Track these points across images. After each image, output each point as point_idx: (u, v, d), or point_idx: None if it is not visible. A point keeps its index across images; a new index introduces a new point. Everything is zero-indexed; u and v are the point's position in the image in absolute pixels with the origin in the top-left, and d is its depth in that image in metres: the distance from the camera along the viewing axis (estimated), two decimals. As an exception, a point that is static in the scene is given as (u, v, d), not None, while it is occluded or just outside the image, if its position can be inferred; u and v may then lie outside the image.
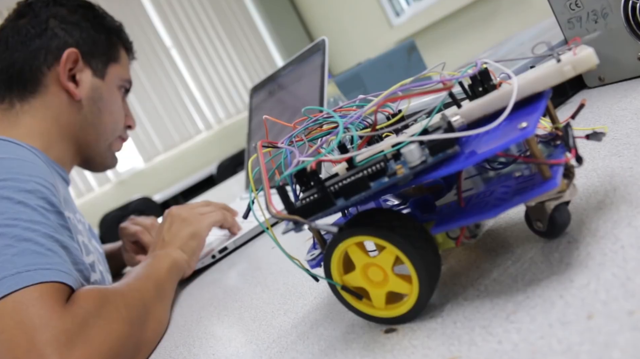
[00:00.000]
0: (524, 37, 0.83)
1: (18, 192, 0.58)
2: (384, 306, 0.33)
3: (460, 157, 0.29)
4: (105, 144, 0.88)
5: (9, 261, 0.51)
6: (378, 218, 0.32)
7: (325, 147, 0.34)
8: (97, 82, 0.85)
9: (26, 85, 0.80)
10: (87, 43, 0.84)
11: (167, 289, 0.64)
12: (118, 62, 0.89)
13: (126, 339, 0.51)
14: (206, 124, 3.99)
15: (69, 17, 0.84)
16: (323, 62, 0.85)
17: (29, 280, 0.50)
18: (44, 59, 0.81)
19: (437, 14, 2.95)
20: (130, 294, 0.57)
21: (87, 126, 0.84)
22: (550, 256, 0.31)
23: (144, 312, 0.56)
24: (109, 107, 0.87)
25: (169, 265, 0.67)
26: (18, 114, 0.79)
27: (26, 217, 0.55)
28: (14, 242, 0.53)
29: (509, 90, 0.31)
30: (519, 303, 0.28)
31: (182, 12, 4.01)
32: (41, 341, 0.46)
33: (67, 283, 0.52)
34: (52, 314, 0.48)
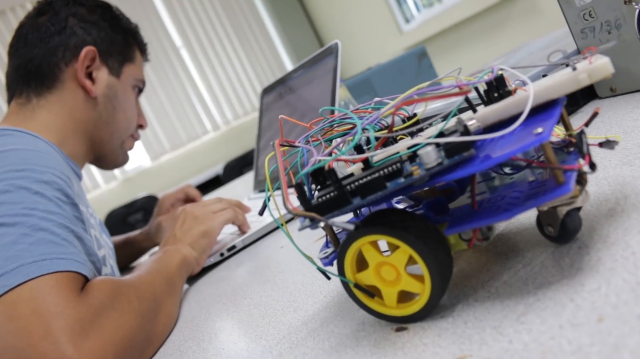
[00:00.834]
0: (536, 46, 0.83)
1: (35, 183, 0.59)
2: (396, 304, 0.34)
3: (475, 161, 0.30)
4: (117, 141, 0.90)
5: (25, 250, 0.52)
6: (393, 218, 0.33)
7: (343, 147, 0.35)
8: (112, 80, 0.87)
9: (43, 80, 0.82)
10: (105, 42, 0.86)
11: (177, 284, 0.65)
12: (133, 62, 0.92)
13: (137, 332, 0.52)
14: (214, 125, 4.01)
15: (88, 17, 0.86)
16: (335, 65, 0.85)
17: (45, 269, 0.51)
18: (62, 56, 0.82)
19: (447, 21, 2.96)
20: (142, 288, 0.58)
21: (101, 123, 0.86)
22: (561, 260, 0.32)
23: (155, 305, 0.57)
24: (123, 105, 0.89)
25: (179, 261, 0.68)
26: (34, 108, 0.81)
27: (42, 208, 0.57)
28: (30, 231, 0.54)
29: (525, 96, 0.32)
30: (529, 304, 0.29)
31: (193, 13, 4.03)
32: (56, 329, 0.47)
33: (82, 272, 0.53)
34: (68, 303, 0.49)
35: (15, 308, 0.48)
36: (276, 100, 1.12)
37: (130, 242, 1.06)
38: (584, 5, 0.54)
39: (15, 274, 0.50)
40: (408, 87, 1.24)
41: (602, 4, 0.53)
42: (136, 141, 0.96)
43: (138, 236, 1.06)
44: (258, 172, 1.15)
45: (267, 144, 1.13)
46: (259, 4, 4.27)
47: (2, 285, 0.49)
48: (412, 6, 3.47)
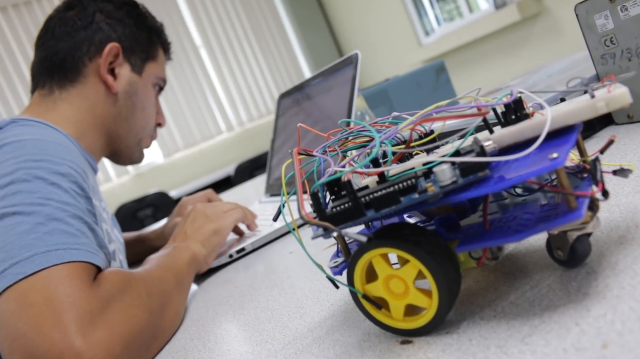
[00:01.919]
0: (554, 68, 0.84)
1: (52, 174, 0.60)
2: (402, 317, 0.34)
3: (490, 181, 0.31)
4: (135, 139, 0.91)
5: (40, 239, 0.53)
6: (404, 232, 0.33)
7: (359, 159, 0.36)
8: (134, 77, 0.88)
9: (67, 73, 0.84)
10: (129, 39, 0.87)
11: (185, 281, 0.66)
12: (156, 60, 0.93)
13: (145, 326, 0.53)
14: (228, 125, 4.03)
15: (115, 13, 0.88)
16: (354, 75, 0.86)
17: (58, 258, 0.52)
18: (86, 50, 0.84)
19: (467, 37, 2.97)
20: (152, 283, 0.59)
21: (120, 119, 0.87)
22: (569, 284, 0.32)
23: (164, 301, 0.58)
24: (143, 103, 0.90)
25: (188, 258, 0.69)
26: (56, 100, 0.83)
27: (58, 198, 0.58)
28: (45, 220, 0.55)
29: (542, 120, 0.33)
30: (535, 326, 0.29)
31: (215, 14, 4.06)
32: (67, 319, 0.48)
33: (94, 262, 0.54)
34: (79, 294, 0.50)
35: (28, 296, 0.49)
36: (293, 105, 1.13)
37: (142, 239, 1.07)
38: (606, 31, 0.54)
39: (29, 263, 0.51)
40: (425, 100, 1.24)
41: (624, 31, 0.53)
42: (154, 139, 0.97)
43: (151, 234, 1.07)
44: (270, 176, 1.16)
45: (280, 149, 1.14)
46: (281, 10, 4.30)
47: (16, 273, 0.50)
48: (432, 19, 3.47)
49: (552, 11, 2.55)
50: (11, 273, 0.51)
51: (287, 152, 1.10)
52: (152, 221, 3.06)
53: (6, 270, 0.51)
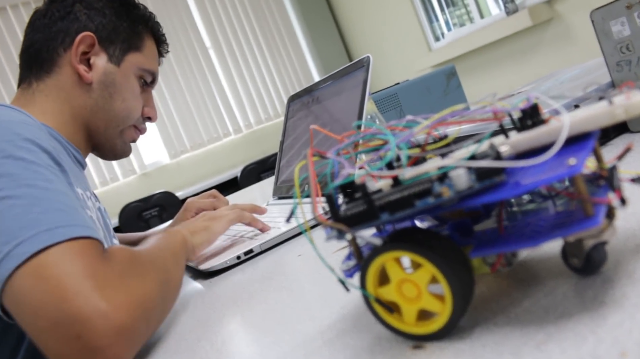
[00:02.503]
0: (567, 75, 0.83)
1: (29, 153, 0.59)
2: (415, 322, 0.34)
3: (506, 186, 0.30)
4: (115, 130, 0.90)
5: (37, 219, 0.53)
6: (418, 236, 0.33)
7: (374, 162, 0.35)
8: (111, 67, 0.87)
9: (42, 65, 0.84)
10: (107, 29, 0.87)
11: (181, 261, 0.68)
12: (140, 51, 0.91)
13: (157, 295, 0.55)
14: (235, 128, 4.03)
15: (94, 4, 0.87)
16: (366, 78, 0.86)
17: (62, 236, 0.52)
18: (61, 41, 0.84)
19: (477, 42, 2.96)
20: (155, 259, 0.61)
21: (97, 110, 0.86)
22: (584, 292, 0.32)
23: (167, 276, 0.60)
24: (122, 93, 0.88)
25: (180, 240, 0.72)
26: (34, 92, 0.84)
27: (42, 177, 0.58)
28: (36, 201, 0.55)
29: (559, 126, 0.32)
30: (550, 334, 0.29)
31: (225, 16, 4.07)
32: (86, 286, 0.49)
33: (95, 237, 0.55)
34: (94, 266, 0.51)
35: (44, 270, 0.50)
36: (303, 108, 1.13)
37: None
38: (622, 38, 0.54)
39: (34, 241, 0.51)
40: (435, 105, 1.24)
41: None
42: (142, 133, 0.95)
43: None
44: (278, 179, 1.16)
45: (289, 151, 1.14)
46: (291, 13, 4.31)
47: (23, 252, 0.51)
48: (443, 24, 3.47)
49: (565, 17, 2.54)
50: (18, 253, 0.51)
51: (296, 155, 1.10)
52: (158, 221, 3.06)
53: (11, 251, 0.51)
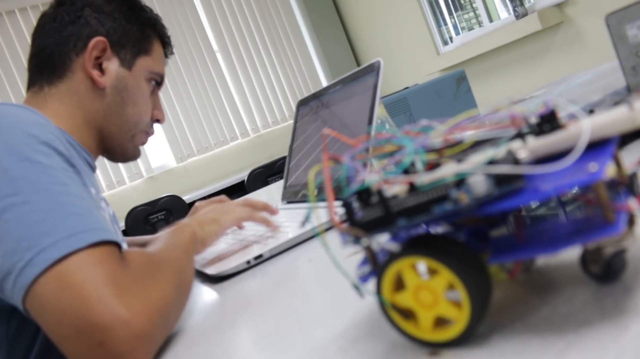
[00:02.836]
0: (580, 79, 0.83)
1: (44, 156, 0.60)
2: (431, 328, 0.33)
3: (525, 192, 0.30)
4: (127, 135, 0.90)
5: (57, 225, 0.54)
6: (435, 242, 0.33)
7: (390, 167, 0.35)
8: (123, 72, 0.87)
9: (55, 69, 0.84)
10: (118, 33, 0.87)
11: (192, 256, 0.70)
12: (149, 54, 0.91)
13: (173, 299, 0.57)
14: (242, 131, 4.03)
15: (104, 7, 0.87)
16: (376, 83, 0.86)
17: (83, 241, 0.53)
18: (73, 45, 0.84)
19: (486, 46, 2.96)
20: (169, 261, 0.62)
21: (110, 114, 0.87)
22: (604, 300, 0.31)
23: (181, 277, 0.61)
24: (134, 98, 0.89)
25: (189, 234, 0.73)
26: (46, 96, 0.84)
27: (58, 181, 0.59)
28: (54, 206, 0.56)
29: (578, 132, 0.32)
30: (570, 342, 0.29)
31: (232, 19, 4.08)
32: (107, 294, 0.51)
33: (112, 239, 0.56)
34: (114, 273, 0.53)
35: (66, 277, 0.51)
36: (312, 112, 1.12)
37: None
38: (638, 42, 0.53)
39: (56, 248, 0.53)
40: (445, 109, 1.23)
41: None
42: (150, 136, 0.96)
43: None
44: (287, 184, 1.16)
45: (298, 155, 1.13)
46: (299, 16, 4.31)
47: (46, 258, 0.52)
48: (451, 28, 3.47)
49: (575, 21, 2.53)
50: (40, 259, 0.52)
51: (306, 159, 1.09)
52: (164, 225, 3.03)
53: (34, 258, 0.53)
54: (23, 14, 3.46)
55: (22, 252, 0.53)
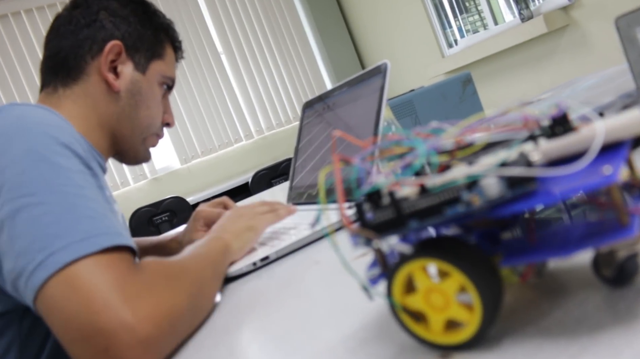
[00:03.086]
0: (587, 82, 0.82)
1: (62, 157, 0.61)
2: (442, 331, 0.33)
3: (538, 195, 0.30)
4: (139, 138, 0.91)
5: (70, 227, 0.55)
6: (447, 245, 0.33)
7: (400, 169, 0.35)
8: (137, 76, 0.88)
9: (70, 72, 0.84)
10: (133, 37, 0.87)
11: (220, 271, 0.69)
12: (162, 58, 0.92)
13: (186, 309, 0.56)
14: (246, 133, 4.04)
15: (119, 11, 0.88)
16: (383, 85, 0.86)
17: (95, 246, 0.54)
18: (89, 49, 0.85)
19: (491, 49, 2.95)
20: (191, 270, 0.62)
21: (124, 117, 0.87)
22: (617, 304, 0.31)
23: (201, 289, 0.61)
24: (147, 101, 0.89)
25: (222, 247, 0.73)
26: (60, 98, 0.84)
27: (74, 183, 0.59)
28: (69, 208, 0.56)
29: (592, 134, 0.32)
30: (584, 346, 0.28)
31: (237, 21, 4.08)
32: (115, 299, 0.51)
33: (125, 243, 0.56)
34: (124, 278, 0.53)
35: (75, 281, 0.52)
36: (317, 114, 1.12)
37: (162, 246, 1.07)
38: (648, 45, 0.53)
39: (67, 252, 0.53)
40: (451, 112, 1.23)
41: (665, 46, 0.52)
42: (160, 138, 0.97)
43: (170, 242, 1.07)
44: (293, 185, 1.15)
45: (304, 157, 1.13)
46: (303, 19, 4.32)
47: (56, 261, 0.52)
48: (456, 31, 3.47)
49: (581, 24, 2.53)
50: (51, 261, 0.53)
51: (311, 161, 1.09)
52: (168, 227, 3.06)
53: (45, 260, 0.53)
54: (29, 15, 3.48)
55: (34, 253, 0.53)
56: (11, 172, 0.58)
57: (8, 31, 3.39)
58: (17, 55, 3.40)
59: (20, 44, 3.41)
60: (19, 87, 3.39)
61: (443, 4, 3.48)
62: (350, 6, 4.28)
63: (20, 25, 3.43)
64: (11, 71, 3.37)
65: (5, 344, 0.66)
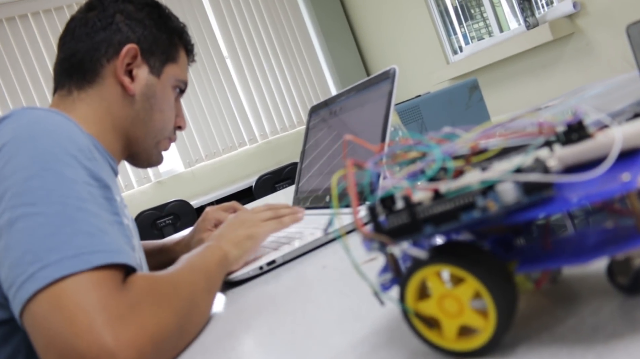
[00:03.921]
0: (595, 90, 0.82)
1: (68, 168, 0.59)
2: (455, 338, 0.33)
3: (555, 201, 0.30)
4: (153, 141, 0.91)
5: (65, 242, 0.53)
6: (461, 251, 0.32)
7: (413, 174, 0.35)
8: (152, 79, 0.87)
9: (85, 74, 0.84)
10: (148, 41, 0.87)
11: (215, 282, 0.67)
12: (176, 62, 0.92)
13: (173, 327, 0.54)
14: (250, 137, 4.04)
15: (135, 14, 0.88)
16: (391, 90, 0.85)
17: (86, 264, 0.52)
18: (104, 52, 0.84)
19: (496, 56, 2.95)
20: (181, 286, 0.60)
21: (138, 121, 0.87)
22: (633, 313, 0.31)
23: (192, 304, 0.59)
24: (161, 105, 0.89)
25: (219, 257, 0.71)
26: (75, 101, 0.84)
27: (76, 195, 0.57)
28: (67, 221, 0.55)
29: (609, 141, 0.32)
30: (600, 354, 0.28)
31: (243, 26, 4.09)
32: (99, 321, 0.49)
33: (119, 261, 0.55)
34: (109, 300, 0.51)
35: (60, 300, 0.50)
36: (324, 119, 1.12)
37: (167, 250, 1.06)
38: (660, 53, 0.53)
39: (58, 267, 0.51)
40: (457, 118, 1.23)
41: (678, 53, 0.52)
42: (172, 142, 0.96)
43: (175, 246, 1.06)
44: (299, 190, 1.15)
45: (310, 161, 1.13)
46: (309, 24, 4.32)
47: (45, 276, 0.51)
48: (461, 38, 3.47)
49: (586, 32, 2.53)
50: (41, 276, 0.51)
51: (317, 165, 1.09)
52: (172, 230, 3.06)
53: (35, 273, 0.51)
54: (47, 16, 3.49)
55: (26, 265, 0.52)
56: (15, 180, 0.57)
57: (15, 33, 3.40)
58: (23, 58, 3.41)
59: (27, 46, 3.42)
60: (25, 90, 3.40)
61: (448, 11, 3.48)
62: (355, 12, 4.28)
63: (28, 29, 3.45)
64: (17, 74, 3.38)
65: (11, 351, 0.65)
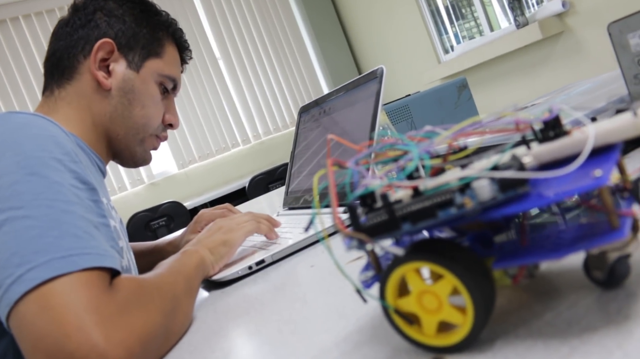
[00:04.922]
0: (580, 88, 0.83)
1: (54, 171, 0.59)
2: (435, 333, 0.34)
3: (530, 197, 0.30)
4: (135, 138, 0.89)
5: (52, 244, 0.53)
6: (439, 247, 0.33)
7: (393, 172, 0.35)
8: (130, 74, 0.87)
9: (64, 72, 0.85)
10: (127, 35, 0.87)
11: (194, 285, 0.68)
12: (160, 57, 0.90)
13: (159, 328, 0.55)
14: (243, 138, 4.04)
15: (115, 11, 0.88)
16: (379, 90, 0.86)
17: (74, 265, 0.52)
18: (81, 48, 0.85)
19: (486, 55, 2.96)
20: (164, 288, 0.60)
21: (117, 116, 0.86)
22: (608, 306, 0.31)
23: (175, 305, 0.60)
24: (141, 100, 0.88)
25: (196, 262, 0.72)
26: (56, 100, 0.84)
27: (63, 198, 0.57)
28: (54, 224, 0.55)
29: (582, 138, 0.32)
30: (574, 347, 0.29)
31: (235, 27, 4.09)
32: (88, 321, 0.49)
33: (106, 265, 0.55)
34: (99, 301, 0.51)
35: (49, 300, 0.50)
36: (314, 119, 1.13)
37: (158, 250, 1.06)
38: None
39: (46, 268, 0.51)
40: (446, 117, 1.24)
41: (657, 51, 0.53)
42: (163, 141, 0.95)
43: (167, 246, 1.06)
44: (289, 190, 1.16)
45: (300, 162, 1.14)
46: (300, 25, 4.33)
47: (33, 278, 0.51)
48: (452, 37, 3.48)
49: (575, 31, 2.54)
50: (28, 278, 0.51)
51: (307, 165, 1.10)
52: (165, 231, 3.06)
53: (23, 275, 0.51)
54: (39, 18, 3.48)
55: (13, 268, 0.52)
56: (1, 184, 0.57)
57: (6, 37, 3.39)
58: (15, 61, 3.40)
59: (19, 49, 3.41)
60: (18, 92, 3.38)
61: (439, 10, 3.50)
62: (347, 12, 4.29)
63: (19, 31, 3.43)
64: (9, 77, 3.37)
65: (1, 352, 0.65)
